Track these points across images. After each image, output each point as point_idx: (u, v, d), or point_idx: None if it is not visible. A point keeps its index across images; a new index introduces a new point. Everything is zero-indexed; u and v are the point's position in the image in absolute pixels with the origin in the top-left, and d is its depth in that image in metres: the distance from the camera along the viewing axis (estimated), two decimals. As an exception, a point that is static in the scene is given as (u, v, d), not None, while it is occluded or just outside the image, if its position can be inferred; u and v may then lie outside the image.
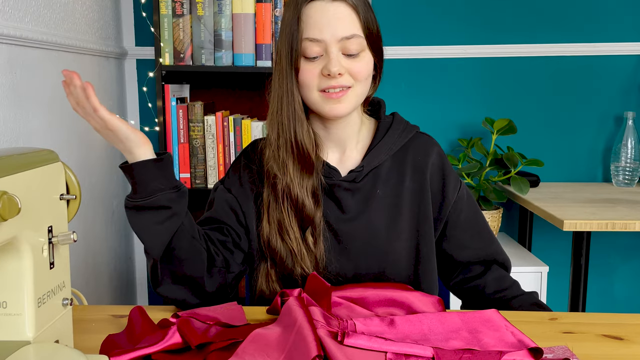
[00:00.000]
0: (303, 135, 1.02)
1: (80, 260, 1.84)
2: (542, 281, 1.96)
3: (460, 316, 0.84)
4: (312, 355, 0.71)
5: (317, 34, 0.97)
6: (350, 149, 1.09)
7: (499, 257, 1.12)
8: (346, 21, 0.98)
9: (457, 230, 1.10)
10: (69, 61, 1.75)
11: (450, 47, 2.29)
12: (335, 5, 0.98)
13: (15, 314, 0.73)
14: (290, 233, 1.03)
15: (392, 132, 1.09)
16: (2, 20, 1.37)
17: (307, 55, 0.99)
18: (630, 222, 1.65)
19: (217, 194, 1.09)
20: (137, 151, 0.91)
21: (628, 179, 2.18)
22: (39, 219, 0.74)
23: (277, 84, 1.03)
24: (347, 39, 0.98)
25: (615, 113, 2.31)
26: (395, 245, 1.06)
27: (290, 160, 1.03)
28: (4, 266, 0.73)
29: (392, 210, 1.06)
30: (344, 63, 0.98)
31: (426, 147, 1.11)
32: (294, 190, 1.02)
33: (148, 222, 0.94)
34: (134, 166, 0.91)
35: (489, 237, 1.12)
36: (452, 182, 1.10)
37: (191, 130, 2.01)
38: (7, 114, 1.40)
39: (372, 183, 1.07)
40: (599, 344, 0.86)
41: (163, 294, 0.99)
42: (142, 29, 2.27)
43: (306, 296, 0.90)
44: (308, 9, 0.98)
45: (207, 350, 0.79)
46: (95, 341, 0.84)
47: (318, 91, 1.00)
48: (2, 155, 0.70)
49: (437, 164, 1.10)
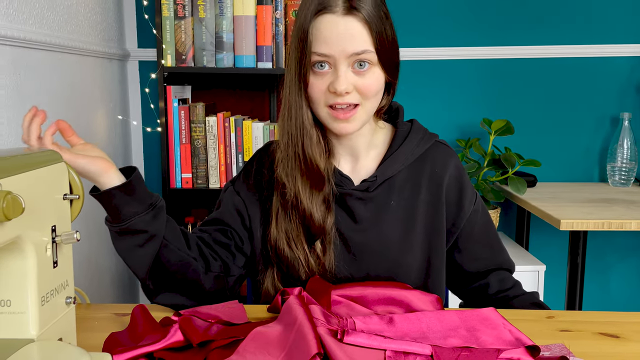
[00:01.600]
0: (312, 149, 0.99)
1: (83, 259, 1.84)
2: (539, 280, 1.96)
3: (459, 314, 0.84)
4: (312, 353, 0.71)
5: (326, 49, 0.92)
6: (364, 157, 1.06)
7: (505, 264, 1.11)
8: (357, 37, 0.92)
9: (470, 243, 1.08)
10: (72, 63, 1.75)
11: (449, 49, 2.29)
12: (346, 19, 0.92)
13: (19, 312, 0.73)
14: (298, 244, 1.01)
15: (409, 141, 1.05)
16: (6, 23, 1.37)
17: (316, 70, 0.95)
18: (626, 222, 1.65)
19: (226, 195, 1.08)
20: (102, 180, 0.89)
21: (624, 179, 2.18)
22: (42, 219, 0.74)
23: (287, 91, 0.99)
24: (357, 54, 0.92)
25: (612, 114, 2.31)
26: (407, 258, 1.03)
27: (299, 173, 1.00)
28: (8, 265, 0.73)
29: (405, 223, 1.03)
30: (351, 79, 0.94)
31: (444, 158, 1.07)
32: (303, 202, 0.99)
33: (129, 245, 0.93)
34: (102, 196, 0.89)
35: (498, 248, 1.11)
36: (468, 195, 1.07)
37: (193, 131, 2.01)
38: (11, 114, 1.40)
39: (386, 193, 1.03)
40: (596, 342, 0.86)
41: (161, 302, 0.99)
42: (145, 31, 2.27)
43: (306, 295, 0.89)
44: (318, 22, 0.93)
45: (209, 348, 0.79)
46: (98, 339, 0.84)
47: (326, 107, 0.96)
48: (6, 155, 0.70)
49: (455, 176, 1.07)
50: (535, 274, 1.96)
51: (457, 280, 1.13)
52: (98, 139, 1.98)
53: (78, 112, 1.80)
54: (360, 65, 0.94)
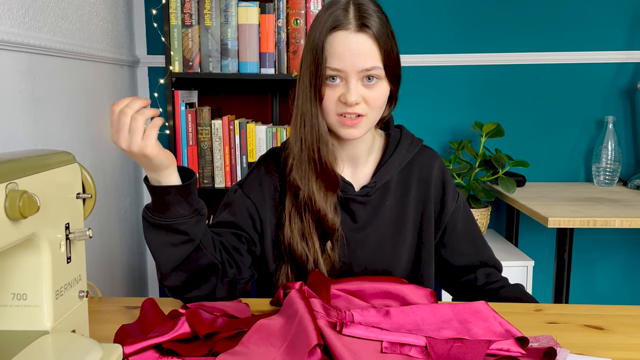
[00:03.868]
0: (328, 154, 1.01)
1: (95, 255, 1.84)
2: (528, 275, 1.96)
3: (451, 308, 0.84)
4: (312, 344, 0.71)
5: (339, 64, 0.95)
6: (362, 164, 1.09)
7: (490, 261, 1.13)
8: (367, 54, 0.95)
9: (453, 238, 1.11)
10: (85, 68, 1.75)
11: (443, 55, 2.29)
12: (357, 36, 0.94)
13: (34, 305, 0.73)
14: (310, 242, 1.02)
15: (400, 147, 1.08)
16: (22, 31, 1.38)
17: (328, 82, 0.97)
18: (611, 220, 1.65)
19: (236, 198, 1.06)
20: (164, 173, 0.87)
21: (608, 179, 2.18)
22: (56, 217, 0.74)
23: (300, 101, 1.00)
24: (367, 70, 0.95)
25: (597, 117, 2.31)
26: (400, 251, 1.06)
27: (313, 175, 1.01)
28: (24, 261, 0.73)
29: (398, 220, 1.07)
30: (361, 92, 0.96)
31: (430, 161, 1.11)
32: (317, 203, 1.01)
33: (163, 241, 0.90)
34: (157, 189, 0.87)
35: (482, 244, 1.13)
36: (451, 193, 1.10)
37: (199, 134, 2.01)
38: (27, 118, 1.40)
39: (381, 195, 1.07)
40: (581, 333, 0.86)
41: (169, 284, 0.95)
42: (154, 38, 2.27)
43: (307, 289, 0.89)
44: (332, 38, 0.95)
45: (215, 339, 0.79)
46: (110, 331, 0.84)
47: (336, 115, 0.98)
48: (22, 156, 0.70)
49: (439, 176, 1.10)
50: (524, 269, 1.96)
51: (445, 276, 1.14)
52: (109, 140, 1.98)
53: (90, 115, 1.80)
54: (369, 79, 0.96)
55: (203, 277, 0.95)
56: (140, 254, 2.33)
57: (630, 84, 2.28)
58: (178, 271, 0.93)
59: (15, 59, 1.35)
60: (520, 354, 0.73)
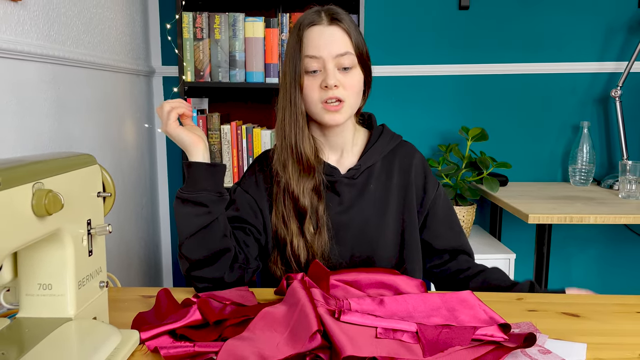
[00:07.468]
0: (303, 141, 1.03)
1: (114, 248, 1.84)
2: (510, 267, 1.96)
3: (440, 297, 0.84)
4: (313, 329, 0.71)
5: (315, 51, 0.99)
6: (346, 152, 1.10)
7: (466, 247, 1.14)
8: (340, 41, 1.00)
9: (434, 222, 1.11)
10: (105, 78, 1.75)
11: (433, 66, 2.28)
12: (331, 28, 1.00)
13: (59, 294, 0.73)
14: (289, 224, 1.04)
15: (382, 139, 1.11)
16: (48, 43, 1.38)
17: (308, 69, 1.00)
18: (586, 216, 1.64)
19: (237, 196, 1.08)
20: (191, 150, 0.96)
21: (584, 179, 2.18)
22: (79, 214, 0.74)
23: (281, 97, 1.04)
24: (341, 55, 0.99)
25: (573, 123, 2.31)
26: (384, 232, 1.06)
27: (290, 161, 1.04)
28: (49, 254, 0.73)
29: (381, 202, 1.07)
30: (339, 77, 1.00)
31: (410, 152, 1.13)
32: (291, 186, 1.03)
33: (187, 213, 0.95)
34: (192, 164, 0.95)
35: (459, 231, 1.14)
36: (431, 181, 1.12)
37: (210, 138, 2.01)
38: (52, 123, 1.40)
39: (366, 179, 1.08)
40: (559, 320, 0.86)
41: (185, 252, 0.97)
42: (168, 50, 2.27)
43: (308, 279, 0.90)
44: (309, 32, 1.00)
45: (223, 325, 0.79)
46: (128, 318, 0.84)
47: (320, 103, 1.01)
48: (47, 158, 0.70)
49: (420, 165, 1.12)
50: (506, 261, 1.96)
51: (428, 257, 1.13)
52: (127, 143, 1.98)
53: (110, 121, 1.80)
54: (344, 69, 1.01)
55: (215, 257, 0.96)
56: (155, 247, 2.33)
57: (603, 92, 2.28)
58: (194, 239, 0.95)
59: (41, 70, 1.35)
60: (503, 339, 0.73)
